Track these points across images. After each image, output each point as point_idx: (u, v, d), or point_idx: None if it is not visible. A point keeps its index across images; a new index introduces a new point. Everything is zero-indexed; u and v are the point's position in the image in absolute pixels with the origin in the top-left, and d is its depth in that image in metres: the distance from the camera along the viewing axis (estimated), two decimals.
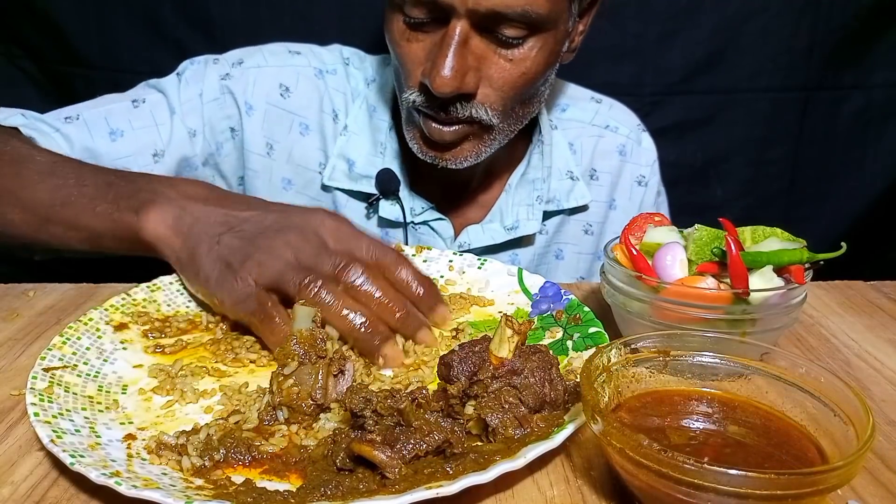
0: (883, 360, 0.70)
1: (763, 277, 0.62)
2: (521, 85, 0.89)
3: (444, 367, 0.56)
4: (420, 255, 0.87)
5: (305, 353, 0.60)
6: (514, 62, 0.87)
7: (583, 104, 1.16)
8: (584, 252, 1.15)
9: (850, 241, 0.63)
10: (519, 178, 1.09)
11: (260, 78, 1.05)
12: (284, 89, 1.06)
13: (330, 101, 1.08)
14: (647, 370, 0.54)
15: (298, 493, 0.48)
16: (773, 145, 1.63)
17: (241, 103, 1.04)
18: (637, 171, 1.16)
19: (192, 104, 1.01)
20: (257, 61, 1.06)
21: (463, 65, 0.84)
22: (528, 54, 0.87)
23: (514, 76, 0.88)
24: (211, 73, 1.04)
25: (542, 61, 0.89)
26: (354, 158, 1.05)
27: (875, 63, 1.57)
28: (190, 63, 1.05)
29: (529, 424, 0.53)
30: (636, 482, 0.45)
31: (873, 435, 0.43)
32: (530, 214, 1.08)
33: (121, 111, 0.99)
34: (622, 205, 1.16)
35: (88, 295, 0.83)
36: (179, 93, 1.01)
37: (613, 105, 1.18)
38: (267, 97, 1.05)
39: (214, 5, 1.44)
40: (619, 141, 1.15)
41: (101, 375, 0.64)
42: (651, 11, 1.50)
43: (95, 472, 0.47)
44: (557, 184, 1.10)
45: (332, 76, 1.09)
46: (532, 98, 0.94)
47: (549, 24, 0.86)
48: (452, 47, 0.83)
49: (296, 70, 1.07)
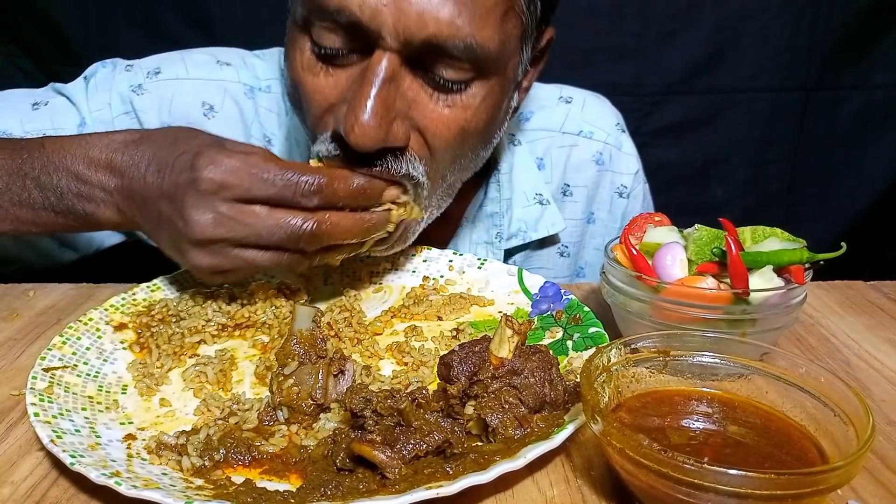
0: (883, 360, 0.70)
1: (763, 277, 0.62)
2: (460, 138, 0.72)
3: (444, 367, 0.56)
4: (420, 255, 0.87)
5: (305, 353, 0.60)
6: (454, 110, 0.70)
7: (549, 109, 1.00)
8: (560, 276, 1.03)
9: (850, 241, 0.63)
10: (476, 210, 0.95)
11: (178, 93, 0.90)
12: (208, 108, 0.91)
13: (260, 125, 0.92)
14: (647, 370, 0.54)
15: (298, 493, 0.48)
16: (773, 145, 1.63)
17: (155, 124, 0.89)
18: (618, 181, 1.02)
19: (102, 114, 0.89)
20: (177, 72, 0.91)
21: (389, 110, 0.66)
22: (472, 103, 0.70)
23: (452, 130, 0.70)
24: (121, 82, 0.90)
25: (488, 114, 0.72)
26: None
27: (875, 63, 1.58)
28: (101, 65, 0.92)
29: (529, 424, 0.53)
30: (636, 482, 0.45)
31: (873, 435, 0.43)
32: (490, 254, 0.95)
33: (15, 112, 0.88)
34: (601, 217, 1.03)
35: (88, 295, 0.83)
36: (88, 101, 0.89)
37: (587, 102, 1.02)
38: (186, 116, 0.90)
39: (214, 5, 1.44)
40: (594, 148, 1.00)
41: (101, 375, 0.64)
42: (651, 11, 1.50)
43: (95, 472, 0.47)
44: (522, 212, 0.95)
45: (265, 94, 0.92)
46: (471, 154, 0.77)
47: (498, 67, 0.70)
48: (376, 86, 0.64)
49: (221, 85, 0.91)
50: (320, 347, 0.61)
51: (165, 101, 0.90)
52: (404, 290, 0.84)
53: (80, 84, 0.91)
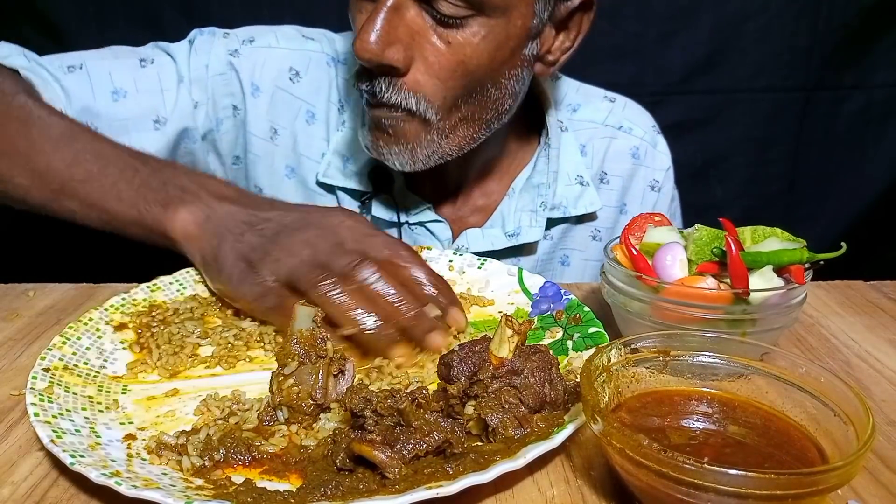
0: (883, 360, 0.70)
1: (763, 277, 0.62)
2: (459, 75, 0.81)
3: (444, 367, 0.56)
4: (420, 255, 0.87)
5: (305, 353, 0.60)
6: (453, 46, 0.80)
7: (595, 103, 1.11)
8: (592, 258, 1.10)
9: (850, 241, 0.63)
10: (524, 182, 1.04)
11: (270, 59, 1.01)
12: (294, 73, 1.02)
13: (337, 90, 1.04)
14: (647, 370, 0.54)
15: (298, 493, 0.48)
16: (773, 145, 1.63)
17: (247, 84, 1.00)
18: (651, 176, 1.11)
19: (199, 74, 0.98)
20: (269, 41, 1.03)
21: (389, 33, 0.77)
22: (470, 40, 0.80)
23: (451, 62, 0.80)
24: (219, 46, 1.00)
25: (486, 53, 0.81)
26: (349, 155, 1.02)
27: (875, 63, 1.58)
28: (199, 32, 1.02)
29: (529, 424, 0.53)
30: (636, 482, 0.45)
31: (873, 435, 0.43)
32: (533, 221, 1.03)
33: (126, 69, 0.96)
34: (633, 210, 1.11)
35: (88, 295, 0.83)
36: (189, 60, 0.98)
37: (628, 104, 1.13)
38: (275, 80, 1.01)
39: (214, 5, 1.44)
40: (632, 143, 1.10)
41: (101, 375, 0.64)
42: (651, 11, 1.50)
43: (95, 472, 0.47)
44: (565, 189, 1.05)
45: (343, 65, 1.04)
46: (484, 100, 0.87)
47: (497, 10, 0.79)
48: (382, 13, 0.77)
49: (307, 55, 1.03)
50: (320, 347, 0.61)
51: (258, 65, 1.01)
52: None
53: (185, 45, 1.00)
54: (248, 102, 1.01)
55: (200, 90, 0.99)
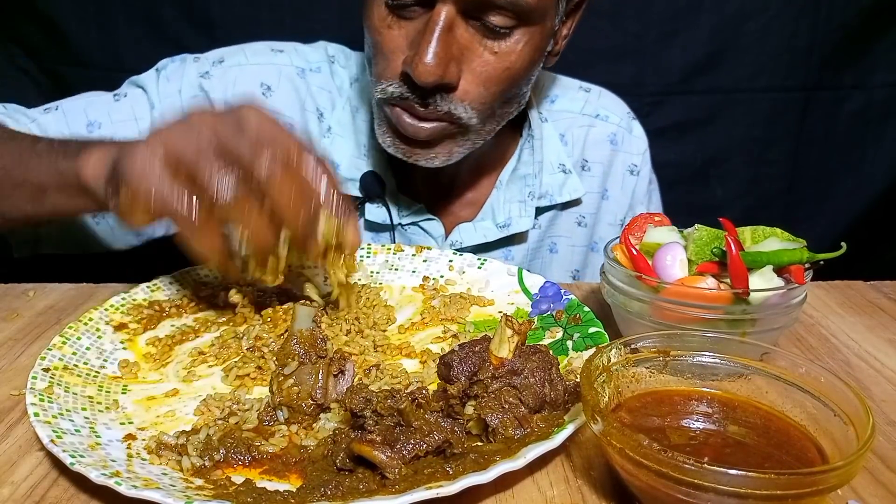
0: (883, 360, 0.70)
1: (763, 277, 0.62)
2: (505, 81, 0.86)
3: (444, 367, 0.56)
4: (420, 255, 0.87)
5: (305, 352, 0.60)
6: (499, 55, 0.84)
7: (572, 94, 1.14)
8: (578, 244, 1.13)
9: (850, 241, 0.63)
10: (510, 174, 1.07)
11: (241, 77, 1.03)
12: (266, 88, 1.03)
13: (313, 99, 1.05)
14: (647, 370, 0.54)
15: (298, 493, 0.48)
16: (773, 145, 1.63)
17: (220, 103, 0.99)
18: (629, 160, 1.14)
19: (172, 100, 0.99)
20: (238, 60, 1.04)
21: (447, 53, 0.80)
22: (514, 48, 0.84)
23: (498, 71, 0.85)
24: (190, 71, 1.02)
25: (527, 57, 0.86)
26: (338, 161, 1.03)
27: (875, 63, 1.57)
28: (170, 61, 1.03)
29: (529, 424, 0.53)
30: (636, 482, 0.45)
31: (873, 435, 0.43)
32: (522, 211, 1.06)
33: (100, 104, 0.98)
34: (614, 195, 1.14)
35: (88, 295, 0.83)
36: (158, 88, 1.00)
37: (602, 93, 1.16)
38: (247, 96, 1.01)
39: (214, 5, 1.44)
40: (609, 130, 1.13)
41: (101, 375, 0.64)
42: (651, 11, 1.50)
43: (95, 472, 0.47)
44: (549, 178, 1.08)
45: (316, 74, 1.06)
46: (513, 99, 0.91)
47: (537, 17, 0.83)
48: (437, 33, 0.79)
49: (276, 68, 1.04)
50: (320, 347, 0.61)
51: (229, 83, 1.02)
52: (404, 290, 0.84)
53: (153, 74, 1.02)
54: None
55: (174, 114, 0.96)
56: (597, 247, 1.15)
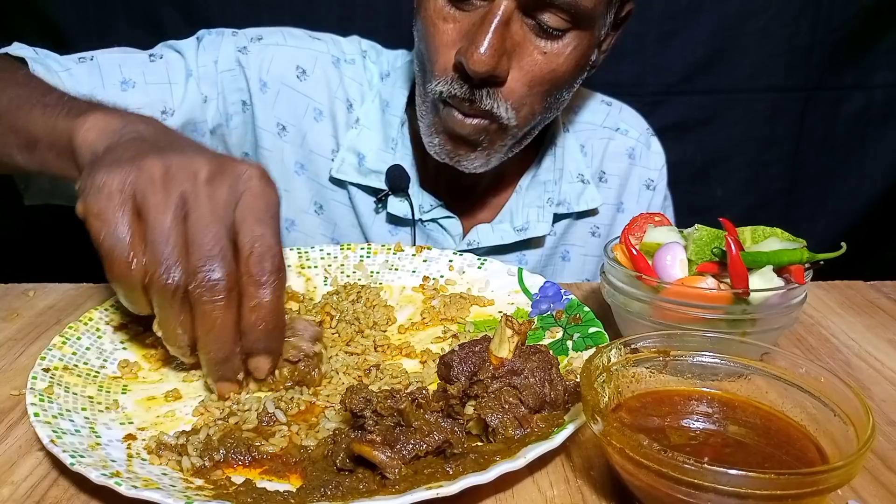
0: (883, 360, 0.70)
1: (763, 277, 0.62)
2: (548, 82, 0.87)
3: (444, 367, 0.56)
4: (420, 255, 0.87)
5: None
6: (548, 56, 0.85)
7: (594, 106, 1.16)
8: (591, 254, 1.14)
9: (850, 241, 0.63)
10: (530, 179, 1.08)
11: (277, 56, 1.04)
12: (301, 71, 1.04)
13: (345, 89, 1.06)
14: (647, 370, 0.54)
15: (298, 493, 0.48)
16: (773, 145, 1.63)
17: (255, 80, 1.02)
18: (646, 175, 1.16)
19: (208, 70, 1.00)
20: (276, 40, 1.05)
21: (502, 45, 0.82)
22: (563, 51, 0.86)
23: (545, 72, 0.86)
24: (228, 44, 1.02)
25: (574, 62, 0.88)
26: (365, 152, 1.04)
27: (875, 63, 1.57)
28: (208, 32, 1.04)
29: (529, 424, 0.53)
30: (636, 482, 0.45)
31: (873, 435, 0.43)
32: (541, 216, 1.07)
33: (136, 62, 0.97)
34: (630, 207, 1.15)
35: (88, 295, 0.83)
36: (197, 56, 1.00)
37: (623, 108, 1.18)
38: (282, 77, 1.04)
39: (214, 5, 1.44)
40: (628, 144, 1.15)
41: (101, 376, 0.64)
42: (651, 11, 1.50)
43: (95, 473, 0.47)
44: (568, 187, 1.09)
45: (350, 66, 1.07)
46: (552, 105, 0.93)
47: (590, 23, 0.86)
48: (494, 24, 0.80)
49: (314, 54, 1.06)
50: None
51: (266, 61, 1.03)
52: (404, 290, 0.84)
53: (193, 42, 1.02)
54: (255, 98, 1.03)
55: (210, 85, 1.00)
56: None
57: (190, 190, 0.55)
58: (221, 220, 0.56)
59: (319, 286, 0.84)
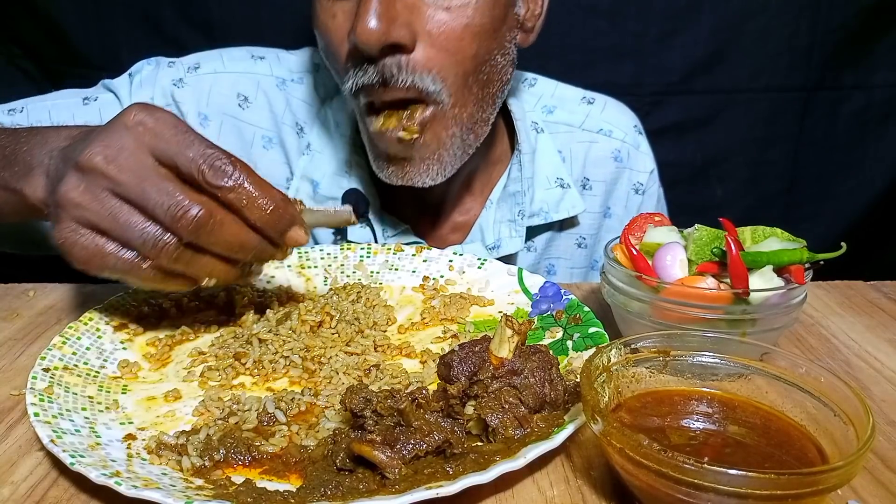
0: (883, 360, 0.70)
1: (763, 277, 0.62)
2: (467, 39, 0.79)
3: (444, 367, 0.56)
4: (420, 255, 0.87)
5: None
6: (453, 11, 0.78)
7: (571, 106, 1.07)
8: (578, 266, 1.08)
9: (850, 241, 0.63)
10: (500, 192, 1.00)
11: (216, 86, 0.97)
12: (243, 99, 0.98)
13: (293, 113, 0.99)
14: (647, 370, 0.54)
15: (298, 493, 0.48)
16: (773, 145, 1.63)
17: (193, 114, 0.96)
18: (634, 179, 1.08)
19: None
20: (214, 67, 0.98)
21: (388, 11, 0.74)
22: (469, 1, 0.78)
23: (457, 28, 0.78)
24: (164, 76, 0.97)
25: (488, 11, 0.79)
26: (318, 179, 0.98)
27: (875, 63, 1.57)
28: (145, 63, 0.98)
29: (529, 424, 0.53)
30: (636, 482, 0.45)
31: (873, 435, 0.43)
32: (512, 231, 0.99)
33: (67, 107, 0.93)
34: (618, 213, 1.09)
35: (88, 295, 0.83)
36: (131, 96, 0.95)
37: (608, 105, 1.10)
38: (223, 107, 0.98)
39: (214, 5, 1.44)
40: (613, 146, 1.07)
41: (101, 376, 0.64)
42: (651, 11, 1.50)
43: (95, 472, 0.47)
44: (544, 194, 1.01)
45: (298, 85, 1.00)
46: (487, 71, 0.83)
47: None
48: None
49: (255, 78, 0.99)
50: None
51: (203, 93, 0.97)
52: (404, 290, 0.84)
53: (125, 80, 0.98)
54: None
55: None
56: (597, 265, 1.09)
57: (107, 182, 0.56)
58: (150, 172, 0.56)
59: (319, 286, 0.84)
